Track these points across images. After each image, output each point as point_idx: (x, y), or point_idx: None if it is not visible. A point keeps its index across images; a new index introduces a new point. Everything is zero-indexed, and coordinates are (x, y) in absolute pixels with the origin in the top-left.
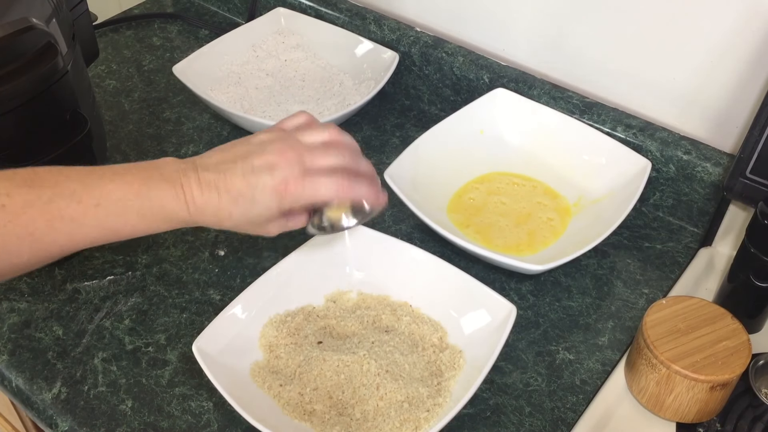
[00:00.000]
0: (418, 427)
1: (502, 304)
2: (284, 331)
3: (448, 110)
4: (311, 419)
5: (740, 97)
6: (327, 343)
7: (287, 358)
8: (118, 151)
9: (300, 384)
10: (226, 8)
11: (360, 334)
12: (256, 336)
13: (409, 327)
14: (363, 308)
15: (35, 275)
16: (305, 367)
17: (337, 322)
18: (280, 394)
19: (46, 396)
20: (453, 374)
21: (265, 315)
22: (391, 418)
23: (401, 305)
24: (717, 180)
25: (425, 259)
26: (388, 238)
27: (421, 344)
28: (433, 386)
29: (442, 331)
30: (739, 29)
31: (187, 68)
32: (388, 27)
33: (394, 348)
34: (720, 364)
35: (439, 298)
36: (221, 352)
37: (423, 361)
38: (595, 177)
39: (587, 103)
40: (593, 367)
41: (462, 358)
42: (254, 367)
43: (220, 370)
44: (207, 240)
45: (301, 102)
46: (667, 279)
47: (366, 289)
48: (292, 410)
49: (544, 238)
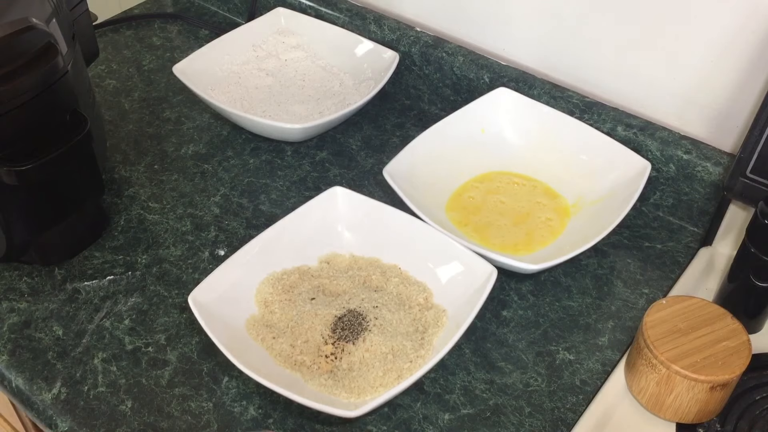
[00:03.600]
0: (401, 376)
1: (484, 266)
2: (279, 288)
3: (448, 110)
4: (301, 369)
5: (740, 97)
6: (319, 299)
7: (281, 312)
8: (118, 151)
9: (292, 336)
10: (226, 8)
11: (351, 292)
12: (252, 293)
13: (398, 288)
14: (355, 269)
15: (35, 275)
16: (297, 321)
17: (329, 281)
18: (272, 345)
19: (45, 396)
20: (436, 331)
21: (262, 273)
22: (375, 368)
23: (391, 267)
24: (717, 180)
25: (415, 225)
26: (382, 205)
27: (408, 303)
28: (417, 341)
29: (428, 292)
30: (738, 29)
31: (187, 68)
32: (388, 27)
33: (382, 305)
34: (720, 364)
35: (427, 262)
36: (217, 304)
37: (409, 318)
38: (594, 177)
39: (587, 103)
40: (593, 367)
41: (446, 317)
42: (249, 320)
43: (215, 323)
44: (207, 240)
45: (301, 102)
46: (667, 279)
47: (358, 251)
48: (283, 361)
49: (542, 238)
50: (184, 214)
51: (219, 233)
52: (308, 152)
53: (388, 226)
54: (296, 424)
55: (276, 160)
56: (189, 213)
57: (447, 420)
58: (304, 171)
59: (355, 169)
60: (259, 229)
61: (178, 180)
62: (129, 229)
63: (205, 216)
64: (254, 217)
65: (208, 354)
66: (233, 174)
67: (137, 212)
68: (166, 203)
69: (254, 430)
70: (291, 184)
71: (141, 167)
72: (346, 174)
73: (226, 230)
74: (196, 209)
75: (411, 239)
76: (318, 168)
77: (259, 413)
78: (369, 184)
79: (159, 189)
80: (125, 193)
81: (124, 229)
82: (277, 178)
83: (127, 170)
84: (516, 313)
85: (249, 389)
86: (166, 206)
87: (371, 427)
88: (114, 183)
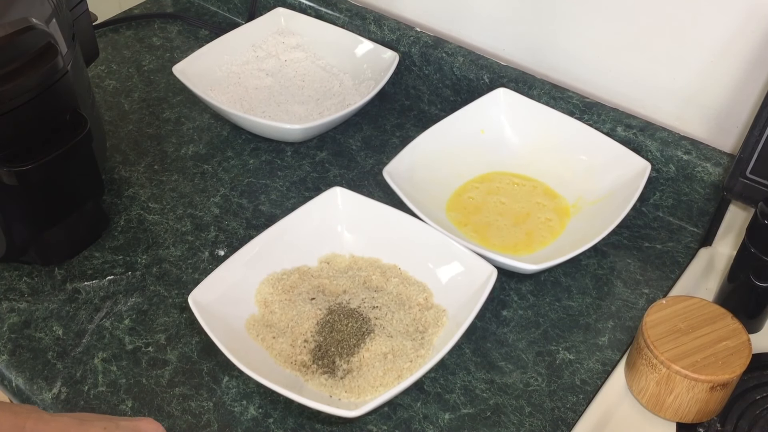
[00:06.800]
0: (401, 376)
1: (484, 266)
2: (279, 288)
3: (448, 110)
4: (301, 369)
5: (740, 97)
6: (319, 299)
7: (281, 312)
8: (118, 151)
9: (291, 336)
10: (226, 8)
11: (351, 292)
12: (252, 293)
13: (398, 288)
14: (355, 269)
15: (35, 275)
16: (297, 321)
17: (329, 281)
18: (272, 345)
19: (46, 396)
20: (436, 331)
21: (262, 273)
22: (375, 368)
23: (391, 267)
24: (717, 180)
25: (415, 226)
26: (382, 205)
27: (408, 303)
28: (417, 340)
29: (428, 292)
30: (738, 29)
31: (187, 68)
32: (388, 27)
33: (382, 305)
34: (720, 364)
35: (427, 262)
36: (217, 304)
37: (409, 318)
38: (594, 178)
39: (587, 103)
40: (593, 367)
41: (445, 317)
42: (249, 320)
43: (215, 323)
44: (207, 240)
45: (301, 102)
46: (667, 279)
47: (358, 252)
48: (283, 361)
49: (542, 238)
50: (184, 214)
51: (219, 233)
52: (308, 152)
53: (388, 226)
54: (296, 424)
55: (276, 160)
56: (189, 213)
57: (447, 420)
58: (304, 171)
59: (355, 169)
60: (259, 229)
61: (178, 180)
62: (129, 229)
63: (205, 216)
64: (254, 218)
65: (208, 354)
66: (233, 174)
67: (137, 212)
68: (166, 203)
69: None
70: (291, 185)
71: (141, 167)
72: (346, 174)
73: (226, 230)
74: (196, 209)
75: (411, 239)
76: (318, 168)
77: (259, 413)
78: (369, 184)
79: (159, 189)
80: (125, 193)
81: (124, 229)
82: (277, 179)
83: (127, 170)
84: (516, 313)
85: (249, 389)
86: (166, 206)
87: (371, 426)
88: (114, 183)
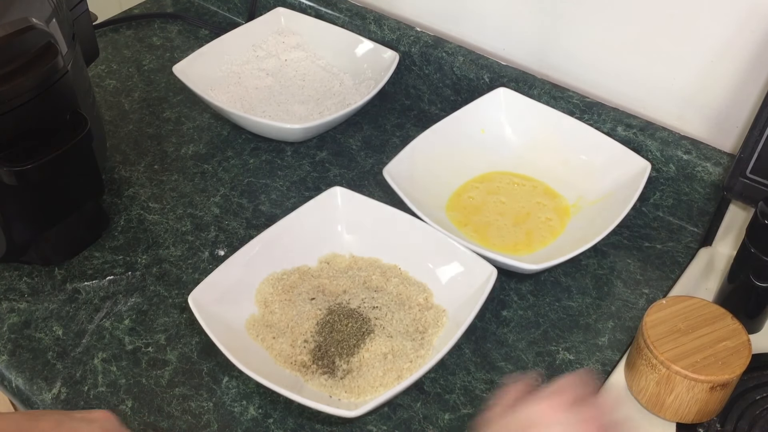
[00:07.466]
0: (401, 376)
1: (484, 266)
2: (279, 288)
3: (448, 110)
4: (301, 369)
5: (740, 97)
6: (319, 299)
7: (281, 312)
8: (118, 151)
9: (291, 336)
10: (226, 8)
11: (351, 292)
12: (252, 293)
13: (398, 288)
14: (355, 269)
15: (35, 275)
16: (297, 321)
17: (329, 281)
18: (272, 345)
19: (46, 396)
20: (436, 331)
21: (262, 273)
22: (375, 368)
23: (391, 267)
24: (717, 180)
25: (415, 225)
26: (382, 205)
27: (408, 303)
28: (417, 341)
29: (428, 293)
30: (738, 29)
31: (187, 68)
32: (388, 27)
33: (382, 305)
34: (720, 364)
35: (427, 262)
36: (217, 304)
37: (409, 318)
38: (594, 178)
39: (587, 103)
40: (593, 367)
41: (445, 317)
42: (249, 320)
43: (215, 323)
44: (207, 240)
45: (301, 102)
46: (667, 279)
47: (358, 252)
48: (283, 361)
49: (542, 238)
50: (184, 214)
51: (219, 233)
52: (308, 152)
53: (388, 226)
54: (296, 424)
55: (276, 160)
56: (189, 213)
57: (447, 420)
58: (304, 171)
59: (355, 169)
60: (259, 229)
61: (178, 180)
62: (129, 229)
63: (205, 216)
64: (254, 218)
65: (208, 354)
66: (233, 174)
67: (137, 212)
68: (166, 203)
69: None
70: (291, 185)
71: (141, 167)
72: (346, 174)
73: (226, 230)
74: (196, 209)
75: (411, 239)
76: (318, 168)
77: (259, 413)
78: (369, 184)
79: (159, 189)
80: (125, 193)
81: (124, 229)
82: (277, 179)
83: (127, 170)
84: (516, 313)
85: (249, 389)
86: (166, 206)
87: (371, 427)
88: (114, 183)
